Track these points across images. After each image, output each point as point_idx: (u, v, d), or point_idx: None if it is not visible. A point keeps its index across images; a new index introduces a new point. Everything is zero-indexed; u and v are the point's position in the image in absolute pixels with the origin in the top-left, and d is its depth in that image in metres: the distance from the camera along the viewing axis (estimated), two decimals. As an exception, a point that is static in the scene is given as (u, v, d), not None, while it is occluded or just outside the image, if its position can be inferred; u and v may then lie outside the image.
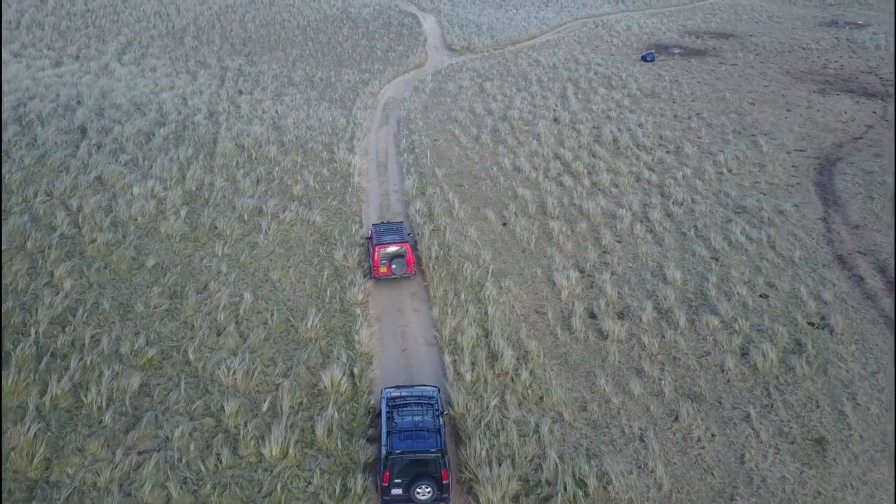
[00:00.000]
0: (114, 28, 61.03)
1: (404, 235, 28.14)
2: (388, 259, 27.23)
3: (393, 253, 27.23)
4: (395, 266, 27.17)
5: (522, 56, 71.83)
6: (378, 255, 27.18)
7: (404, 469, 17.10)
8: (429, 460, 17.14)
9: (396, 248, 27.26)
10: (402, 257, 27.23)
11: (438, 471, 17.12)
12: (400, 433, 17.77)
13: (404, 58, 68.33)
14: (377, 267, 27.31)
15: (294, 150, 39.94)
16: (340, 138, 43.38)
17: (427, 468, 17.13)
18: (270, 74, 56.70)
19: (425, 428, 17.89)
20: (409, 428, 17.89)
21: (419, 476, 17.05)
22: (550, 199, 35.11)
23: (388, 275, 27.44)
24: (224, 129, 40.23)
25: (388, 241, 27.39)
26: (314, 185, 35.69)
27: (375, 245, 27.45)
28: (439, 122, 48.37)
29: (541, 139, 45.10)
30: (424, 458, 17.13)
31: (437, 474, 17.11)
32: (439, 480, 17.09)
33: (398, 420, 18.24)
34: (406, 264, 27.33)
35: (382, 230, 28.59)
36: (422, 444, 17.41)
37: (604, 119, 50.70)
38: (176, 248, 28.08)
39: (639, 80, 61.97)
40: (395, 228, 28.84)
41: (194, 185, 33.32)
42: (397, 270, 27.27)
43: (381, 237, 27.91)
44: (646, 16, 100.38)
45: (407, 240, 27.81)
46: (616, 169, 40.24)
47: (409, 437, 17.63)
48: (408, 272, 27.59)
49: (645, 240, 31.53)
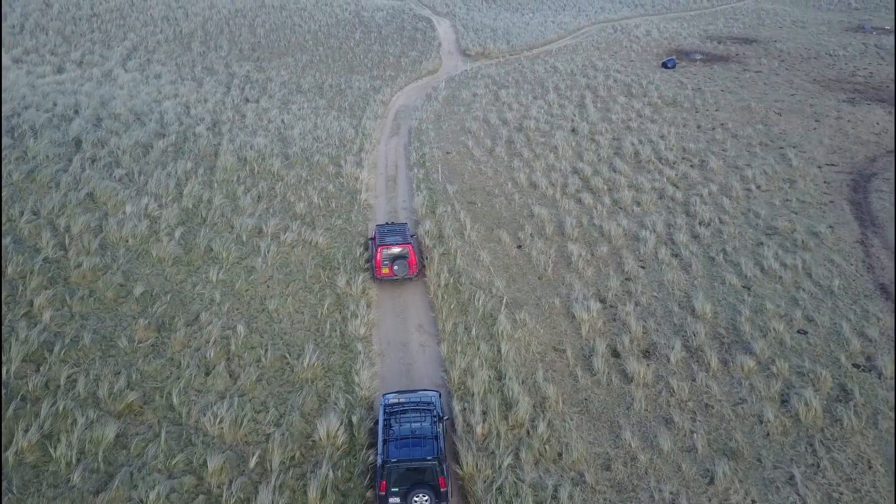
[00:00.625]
0: (120, 33, 59.40)
1: (407, 237, 27.97)
2: (390, 260, 27.08)
3: (395, 254, 27.06)
4: (396, 267, 27.01)
5: (539, 62, 69.73)
6: (380, 256, 27.04)
7: (401, 477, 16.84)
8: (426, 468, 16.85)
9: (399, 249, 27.12)
10: (405, 258, 27.05)
11: (436, 478, 16.84)
12: (397, 441, 17.49)
13: (417, 63, 66.43)
14: (379, 268, 27.17)
15: (299, 163, 38.05)
16: (348, 150, 41.46)
17: (424, 476, 16.84)
18: (279, 81, 54.90)
19: (423, 435, 17.60)
20: (406, 435, 17.63)
21: (416, 484, 16.81)
22: (569, 219, 33.00)
23: (389, 275, 27.21)
24: (226, 141, 38.39)
25: (391, 242, 27.26)
26: (318, 203, 33.75)
27: (378, 246, 27.29)
28: (452, 133, 46.35)
29: (558, 152, 43.00)
30: (421, 466, 16.85)
31: (435, 482, 16.83)
32: (437, 488, 16.81)
33: (396, 427, 17.97)
34: (408, 266, 27.12)
35: (386, 231, 28.52)
36: (419, 452, 17.13)
37: (624, 130, 48.55)
38: (167, 274, 26.20)
39: (660, 88, 59.75)
40: (399, 230, 28.64)
41: (191, 202, 31.46)
42: (399, 271, 27.08)
43: (383, 238, 27.81)
44: (665, 20, 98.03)
45: (410, 241, 27.63)
46: (638, 185, 38.09)
47: (406, 445, 17.36)
48: (409, 273, 27.32)
49: (670, 265, 29.38)
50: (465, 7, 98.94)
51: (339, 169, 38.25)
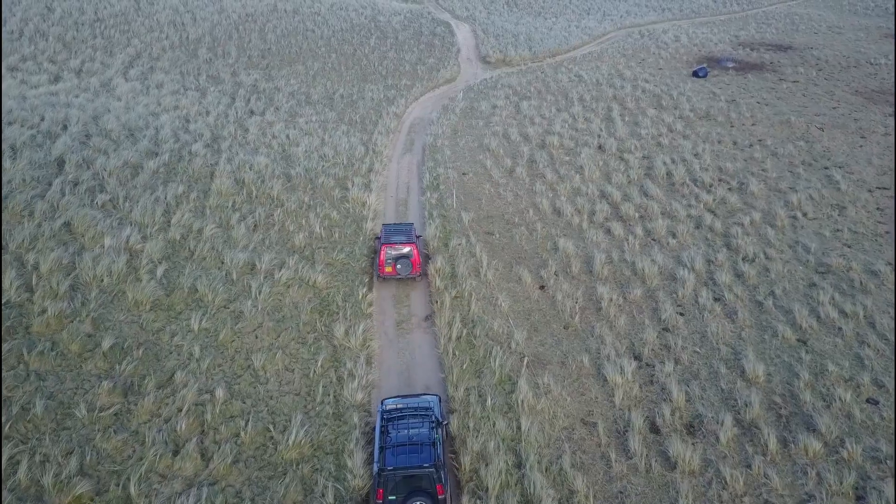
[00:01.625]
0: (123, 38, 56.65)
1: (412, 237, 28.15)
2: (393, 259, 27.26)
3: (399, 253, 27.26)
4: (399, 266, 27.24)
5: (563, 70, 66.31)
6: (384, 255, 27.23)
7: (398, 485, 16.54)
8: (423, 475, 16.53)
9: (403, 248, 27.30)
10: (408, 258, 27.25)
11: (433, 486, 16.50)
12: (394, 448, 17.18)
13: (434, 71, 63.24)
14: (383, 266, 27.38)
15: (302, 186, 34.94)
16: (356, 171, 38.32)
17: (422, 483, 16.53)
18: (287, 91, 51.88)
19: (420, 441, 17.29)
20: (403, 442, 17.33)
21: (414, 492, 16.48)
22: (597, 254, 29.64)
23: (392, 274, 27.40)
24: (224, 161, 35.35)
25: (395, 242, 27.47)
26: (320, 233, 30.61)
27: (382, 244, 27.54)
28: (469, 151, 43.09)
29: (584, 173, 39.62)
30: (418, 473, 16.52)
31: (432, 489, 16.50)
32: (434, 496, 16.50)
33: (393, 434, 17.65)
34: (411, 265, 27.32)
35: (392, 230, 28.69)
36: (416, 460, 16.82)
37: (655, 147, 45.08)
38: (143, 321, 23.14)
39: (691, 100, 56.18)
40: (405, 230, 28.77)
41: (179, 233, 28.42)
42: (402, 271, 27.29)
43: (388, 237, 28.05)
44: (694, 25, 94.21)
45: (415, 241, 27.77)
46: (672, 212, 34.64)
47: (403, 452, 17.07)
48: (413, 273, 27.48)
49: (713, 312, 25.95)
50: (485, 11, 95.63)
51: (346, 192, 35.10)
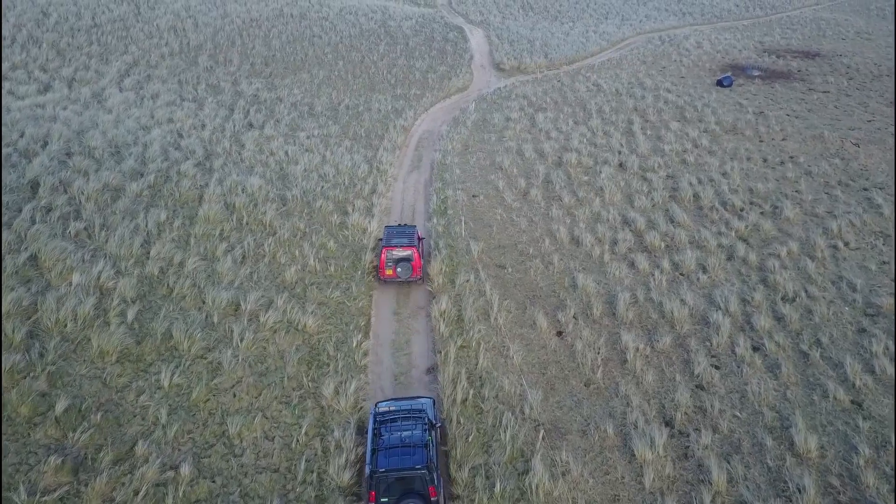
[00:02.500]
0: (120, 45, 54.13)
1: (414, 240, 28.06)
2: (394, 262, 27.28)
3: (400, 256, 27.26)
4: (400, 269, 27.27)
5: (580, 79, 63.30)
6: (385, 258, 27.24)
7: (390, 487, 16.54)
8: (415, 477, 16.50)
9: (404, 252, 27.30)
10: (409, 262, 27.27)
11: (425, 487, 16.47)
12: (387, 450, 17.14)
13: (446, 80, 60.38)
14: (383, 269, 27.37)
15: (297, 210, 32.17)
16: (358, 192, 35.52)
17: (413, 485, 16.49)
18: (289, 102, 49.18)
19: (412, 443, 17.24)
20: (395, 444, 17.27)
21: (406, 494, 16.44)
22: (621, 293, 26.68)
23: (393, 277, 27.41)
24: (215, 182, 32.65)
25: (397, 245, 27.52)
26: (314, 266, 27.82)
27: (383, 247, 27.58)
28: (480, 170, 40.20)
29: (604, 195, 36.64)
30: (410, 475, 16.50)
31: (425, 491, 16.47)
32: (427, 497, 16.45)
33: (386, 436, 17.63)
34: (412, 269, 27.31)
35: (395, 233, 28.67)
36: (408, 461, 16.76)
37: (679, 164, 42.06)
38: (108, 376, 20.42)
39: (717, 112, 53.06)
40: (408, 233, 28.68)
41: (158, 266, 25.69)
42: (402, 274, 27.32)
43: (390, 239, 28.06)
44: (716, 30, 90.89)
45: (416, 245, 27.71)
46: (701, 241, 31.63)
47: (396, 454, 17.01)
48: (413, 276, 27.42)
49: (753, 365, 22.95)
50: (500, 15, 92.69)
51: (345, 217, 32.29)
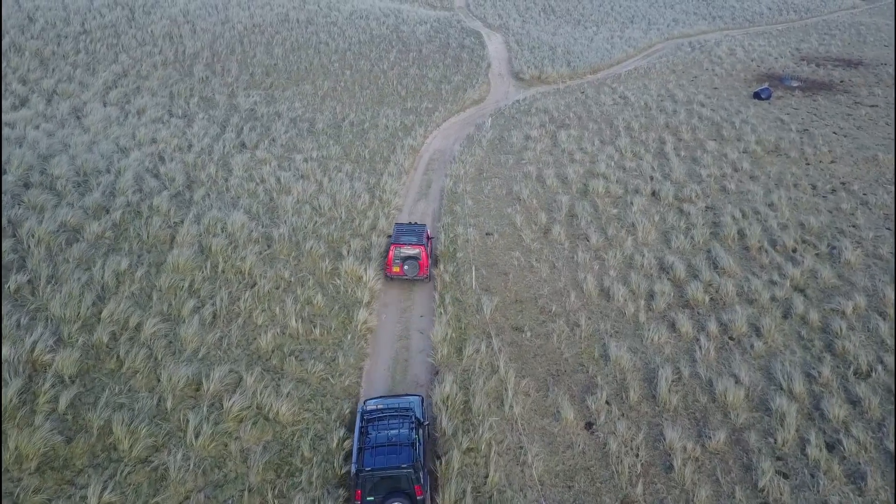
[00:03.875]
0: (110, 54, 50.18)
1: (423, 239, 28.12)
2: (401, 259, 27.36)
3: (407, 254, 27.34)
4: (407, 267, 27.38)
5: (606, 90, 58.68)
6: (392, 255, 27.32)
7: (376, 486, 16.44)
8: (401, 476, 16.43)
9: (412, 250, 27.39)
10: (416, 259, 27.38)
11: (411, 486, 16.40)
12: (373, 449, 17.06)
13: (461, 91, 56.00)
14: (390, 266, 27.50)
15: (284, 253, 27.94)
16: (356, 229, 31.24)
17: (400, 484, 16.43)
18: (289, 117, 44.98)
19: (399, 442, 17.18)
20: (382, 443, 17.21)
21: (392, 493, 16.38)
22: (662, 368, 22.21)
23: (400, 274, 27.52)
24: (191, 220, 28.49)
25: (405, 242, 27.65)
26: (296, 328, 23.55)
27: (392, 243, 27.66)
28: (495, 201, 35.77)
29: (637, 233, 32.13)
30: (396, 474, 16.41)
31: (411, 490, 16.40)
32: (413, 496, 16.39)
33: (373, 434, 17.59)
34: (419, 267, 27.42)
35: (404, 230, 28.81)
36: (394, 460, 16.68)
37: (719, 192, 37.50)
38: (21, 492, 16.24)
39: (757, 129, 48.36)
40: (417, 231, 28.78)
41: (109, 332, 21.50)
42: (409, 272, 27.43)
43: (399, 237, 28.20)
44: (749, 36, 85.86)
45: (424, 244, 27.76)
46: (752, 293, 27.10)
47: (382, 453, 16.91)
48: (420, 275, 27.55)
49: (830, 473, 18.45)
50: (520, 19, 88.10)
51: (338, 263, 28.00)
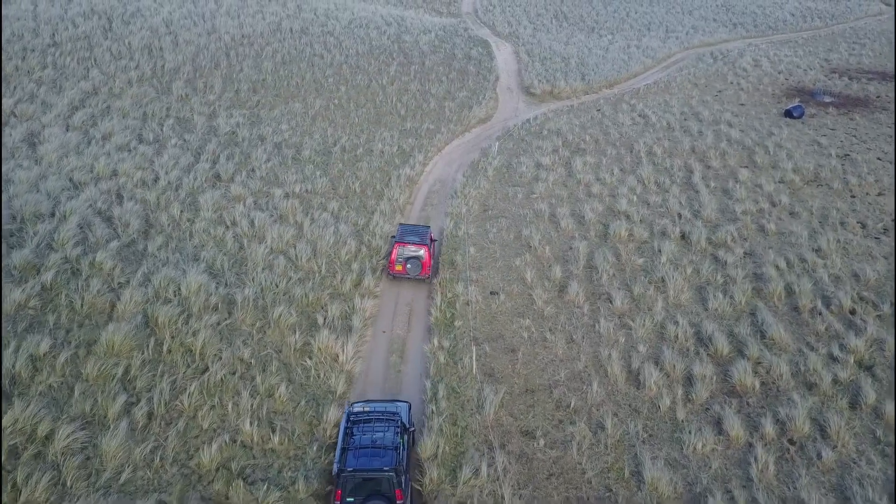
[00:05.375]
0: (80, 69, 45.61)
1: (426, 240, 28.23)
2: (404, 259, 27.56)
3: (410, 254, 27.56)
4: (409, 266, 27.62)
5: (624, 107, 53.84)
6: (396, 254, 27.56)
7: (357, 487, 16.38)
8: (382, 479, 16.38)
9: (415, 249, 27.57)
10: (418, 259, 27.58)
11: (392, 490, 16.38)
12: (356, 450, 17.01)
13: (466, 109, 51.27)
14: (393, 264, 27.68)
15: (248, 322, 23.23)
16: (336, 288, 26.53)
17: (380, 487, 16.37)
18: (273, 142, 40.32)
19: (383, 445, 17.09)
20: (366, 445, 17.13)
21: (372, 495, 16.32)
22: (711, 497, 17.37)
23: (402, 273, 27.70)
24: (139, 280, 23.84)
25: (408, 241, 27.83)
26: (250, 434, 18.82)
27: (395, 242, 27.90)
28: (502, 248, 30.97)
29: (667, 291, 27.33)
30: (378, 476, 16.37)
31: (391, 493, 16.38)
32: (393, 500, 16.35)
33: (357, 436, 17.46)
34: (421, 266, 27.61)
35: (409, 230, 28.95)
36: (377, 462, 16.62)
37: (757, 233, 32.75)
38: None
39: (792, 155, 43.53)
40: (421, 232, 28.93)
41: (6, 448, 16.88)
42: (411, 271, 27.65)
43: (403, 236, 28.35)
44: (773, 45, 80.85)
45: (427, 244, 27.92)
46: (809, 374, 22.32)
47: (365, 455, 16.85)
48: (422, 275, 27.67)
49: None
50: (531, 27, 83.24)
51: (311, 336, 23.26)
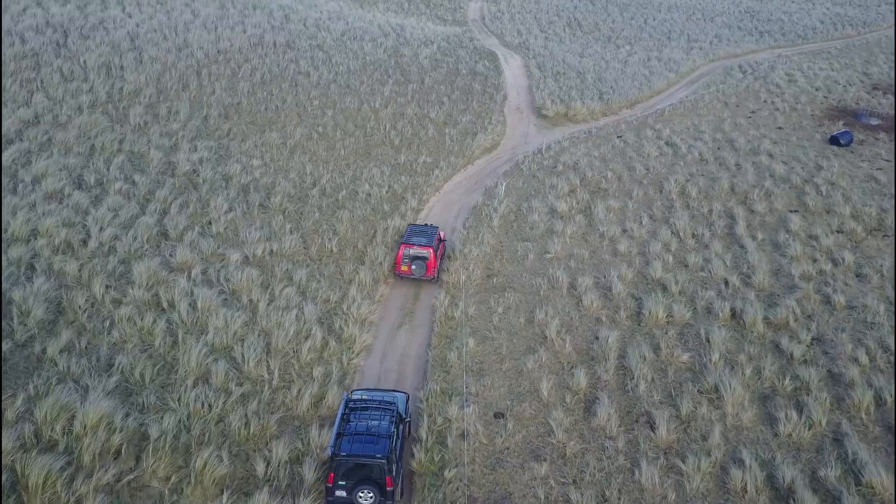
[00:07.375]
0: (22, 94, 39.51)
1: (432, 241, 28.31)
2: (409, 259, 27.63)
3: (416, 254, 27.62)
4: (414, 267, 27.62)
5: (648, 133, 47.32)
6: (401, 254, 27.64)
7: (349, 472, 16.74)
8: (373, 465, 16.75)
9: (420, 250, 27.65)
10: (424, 260, 27.56)
11: (383, 477, 16.74)
12: (351, 436, 17.35)
13: (469, 137, 44.91)
14: (399, 264, 27.81)
15: (160, 475, 16.83)
16: (291, 405, 20.14)
17: (372, 473, 16.76)
18: (239, 183, 33.95)
19: (378, 433, 17.47)
20: (361, 431, 17.49)
21: (363, 480, 16.70)
22: None
23: (408, 274, 27.77)
24: (17, 413, 17.52)
25: (415, 243, 27.99)
26: None
27: (402, 243, 28.10)
28: (509, 338, 24.52)
29: (724, 405, 20.88)
30: (369, 462, 16.74)
31: (381, 480, 16.74)
32: (383, 487, 16.73)
33: (353, 422, 17.84)
34: (426, 267, 27.58)
35: (417, 231, 29.30)
36: (370, 449, 16.98)
37: (822, 307, 26.53)
38: None
39: (849, 196, 37.09)
40: (428, 233, 29.10)
41: None
42: (416, 272, 27.64)
43: (409, 237, 28.69)
44: (805, 56, 74.10)
45: (433, 245, 27.98)
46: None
47: (360, 441, 17.18)
48: (427, 275, 27.70)
49: None
50: (542, 36, 76.68)
51: (247, 495, 16.90)
